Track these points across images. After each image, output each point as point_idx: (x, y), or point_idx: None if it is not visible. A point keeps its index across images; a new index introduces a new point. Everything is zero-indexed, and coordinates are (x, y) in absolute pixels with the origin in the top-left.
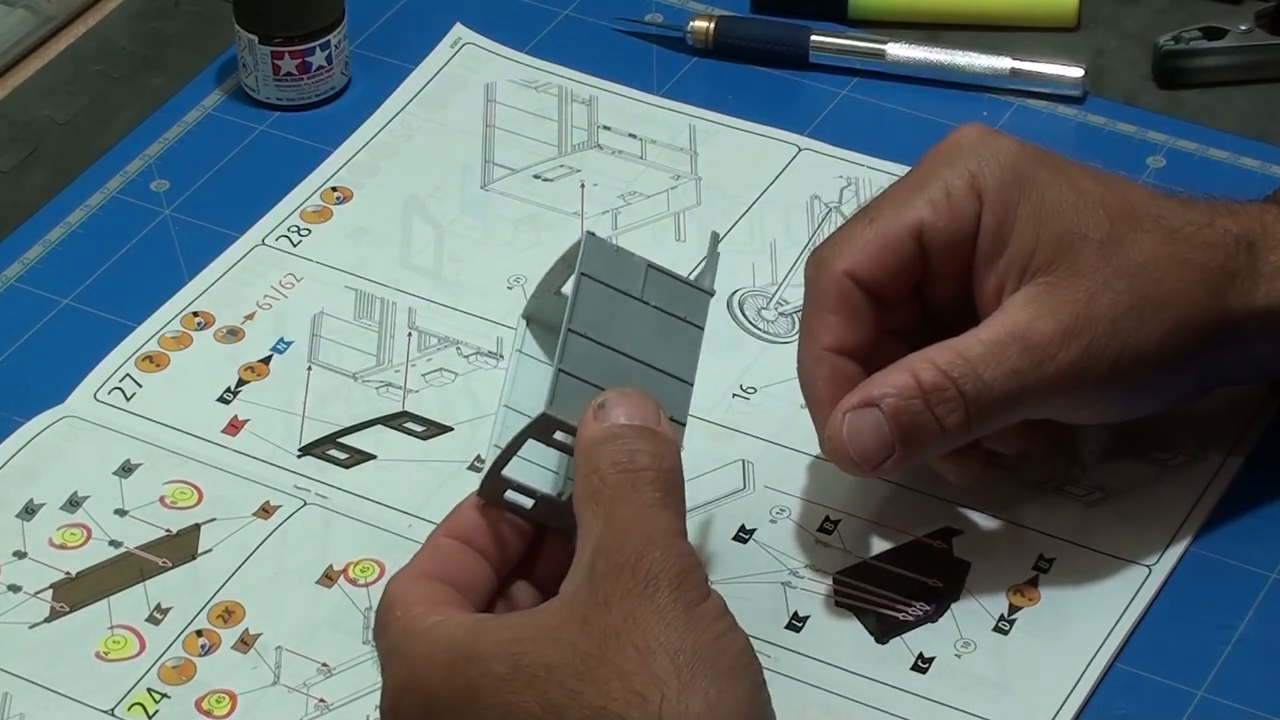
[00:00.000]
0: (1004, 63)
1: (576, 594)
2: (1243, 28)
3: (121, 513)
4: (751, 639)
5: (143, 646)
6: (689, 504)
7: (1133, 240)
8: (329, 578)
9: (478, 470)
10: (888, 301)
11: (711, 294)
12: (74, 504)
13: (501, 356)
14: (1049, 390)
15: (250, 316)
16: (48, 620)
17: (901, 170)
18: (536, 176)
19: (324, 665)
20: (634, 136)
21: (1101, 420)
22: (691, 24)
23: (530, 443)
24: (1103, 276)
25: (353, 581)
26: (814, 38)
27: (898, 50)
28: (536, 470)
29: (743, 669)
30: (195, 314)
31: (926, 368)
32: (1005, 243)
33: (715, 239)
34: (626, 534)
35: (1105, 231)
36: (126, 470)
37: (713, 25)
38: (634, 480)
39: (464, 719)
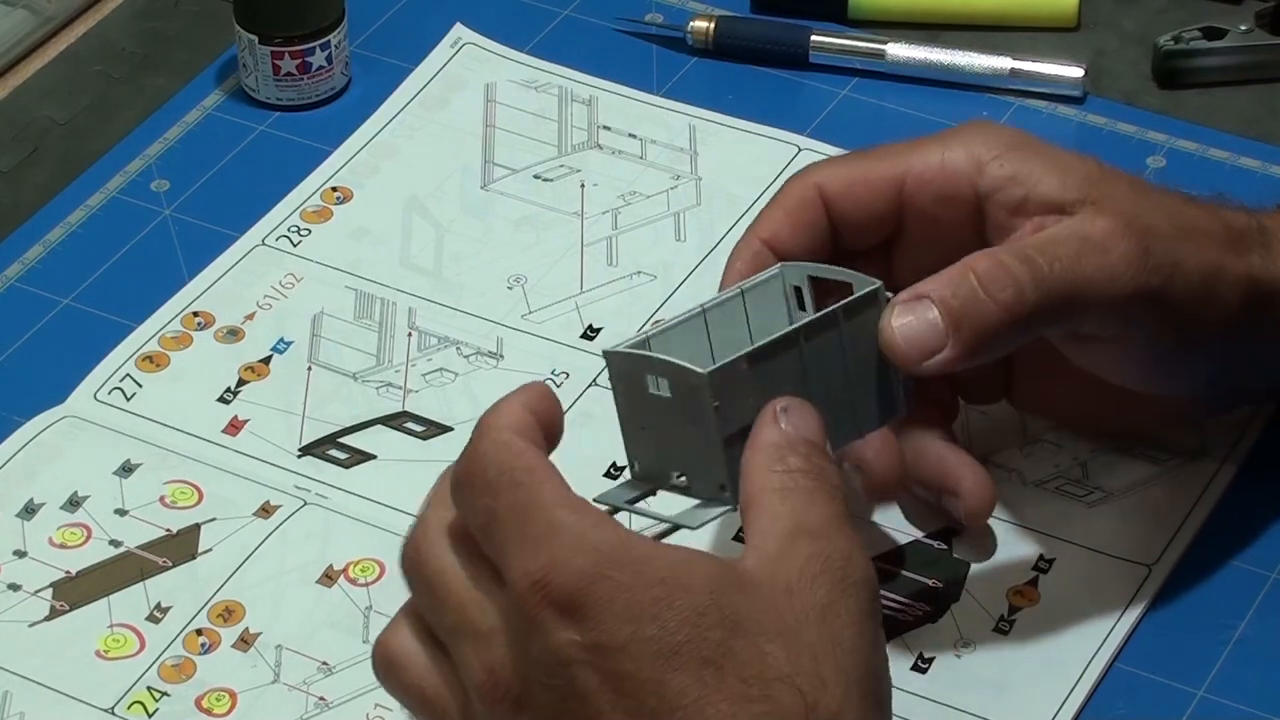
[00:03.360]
0: (1004, 63)
1: (779, 560)
2: (1243, 28)
3: (121, 512)
4: None
5: (143, 645)
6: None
7: (1158, 194)
8: (329, 577)
9: None
10: (844, 241)
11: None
12: (74, 504)
13: (502, 356)
14: (1108, 283)
15: (250, 316)
16: (48, 619)
17: None
18: (536, 176)
19: (324, 664)
20: (634, 136)
21: (1135, 385)
22: (691, 24)
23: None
24: (1142, 207)
25: (353, 581)
26: (814, 38)
27: (898, 50)
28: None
29: (888, 703)
30: (195, 314)
31: (980, 259)
32: (1029, 186)
33: None
34: (828, 530)
35: (1130, 180)
36: (126, 470)
37: (713, 25)
38: (827, 490)
39: (643, 627)
